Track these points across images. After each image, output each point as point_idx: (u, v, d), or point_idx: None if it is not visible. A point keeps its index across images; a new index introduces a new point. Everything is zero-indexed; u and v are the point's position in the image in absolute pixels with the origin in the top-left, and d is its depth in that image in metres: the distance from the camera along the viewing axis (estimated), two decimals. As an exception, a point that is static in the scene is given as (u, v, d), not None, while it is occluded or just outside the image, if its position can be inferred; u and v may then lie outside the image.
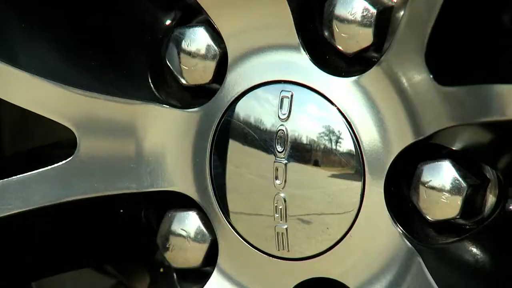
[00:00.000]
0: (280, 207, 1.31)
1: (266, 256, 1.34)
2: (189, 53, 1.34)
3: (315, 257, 1.34)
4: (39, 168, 1.37)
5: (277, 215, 1.32)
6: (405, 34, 1.28)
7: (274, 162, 1.33)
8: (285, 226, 1.34)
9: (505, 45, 1.38)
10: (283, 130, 1.31)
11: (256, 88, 1.31)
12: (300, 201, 1.33)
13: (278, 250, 1.33)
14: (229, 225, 1.34)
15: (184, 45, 1.34)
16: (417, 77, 1.30)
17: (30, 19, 1.42)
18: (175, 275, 1.37)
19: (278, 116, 1.31)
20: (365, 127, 1.33)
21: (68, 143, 1.36)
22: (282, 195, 1.32)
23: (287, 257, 1.34)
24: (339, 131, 1.29)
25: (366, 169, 1.33)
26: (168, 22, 1.36)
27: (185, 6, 1.35)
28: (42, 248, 1.44)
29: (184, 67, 1.33)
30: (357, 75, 1.33)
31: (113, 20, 1.40)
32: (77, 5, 1.46)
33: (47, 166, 1.36)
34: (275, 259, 1.34)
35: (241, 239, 1.35)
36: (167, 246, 1.36)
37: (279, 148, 1.30)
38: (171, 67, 1.34)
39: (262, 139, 1.31)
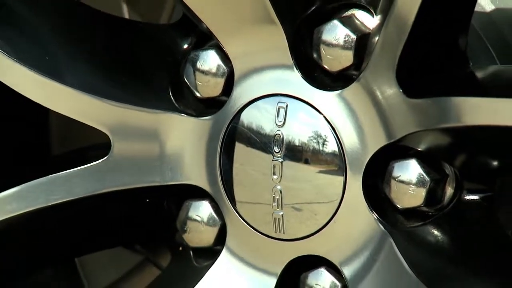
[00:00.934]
0: (277, 197, 1.38)
1: (266, 237, 1.40)
2: (203, 72, 1.40)
3: (305, 238, 1.39)
4: (80, 166, 1.42)
5: (275, 204, 1.38)
6: (379, 56, 1.31)
7: (272, 160, 1.38)
8: (281, 213, 1.39)
9: (458, 65, 1.36)
10: (279, 134, 1.37)
11: (257, 100, 1.38)
12: (293, 192, 1.38)
13: (275, 232, 1.40)
14: (235, 212, 1.41)
15: (198, 65, 1.41)
16: (389, 91, 1.32)
17: (76, 45, 1.44)
18: (191, 252, 1.44)
19: (275, 123, 1.37)
20: (346, 132, 1.36)
21: (103, 145, 1.41)
22: (278, 187, 1.38)
23: (282, 238, 1.40)
24: (325, 135, 1.36)
25: (347, 166, 1.36)
26: (185, 46, 1.42)
27: (199, 32, 1.40)
28: (82, 230, 1.49)
29: (198, 83, 1.40)
30: (340, 89, 1.35)
31: (141, 44, 1.45)
32: (113, 33, 1.47)
33: (86, 164, 1.41)
34: (273, 239, 1.40)
35: (245, 223, 1.41)
36: (185, 229, 1.43)
37: (276, 149, 1.37)
38: (188, 83, 1.41)
39: (262, 142, 1.38)
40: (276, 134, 1.37)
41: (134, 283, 1.65)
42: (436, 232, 1.36)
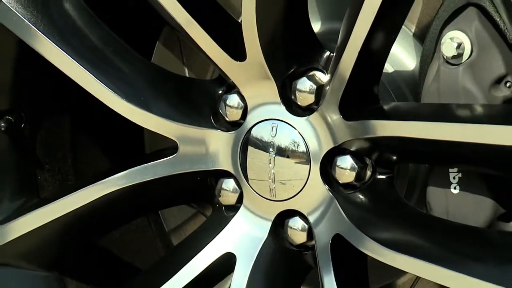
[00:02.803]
0: (271, 177, 1.35)
1: (265, 199, 1.35)
2: (230, 106, 1.37)
3: (287, 200, 1.35)
4: (160, 159, 1.38)
5: (270, 181, 1.35)
6: (329, 97, 1.27)
7: (269, 156, 1.35)
8: (274, 186, 1.35)
9: (373, 102, 1.31)
10: (273, 141, 1.34)
11: (260, 122, 1.35)
12: (281, 174, 1.34)
13: (271, 196, 1.35)
14: (248, 185, 1.36)
15: (227, 102, 1.37)
16: (334, 116, 1.28)
17: (157, 91, 1.38)
18: (223, 208, 1.39)
19: (270, 135, 1.34)
20: (311, 139, 1.32)
21: (173, 147, 1.39)
22: (272, 171, 1.34)
23: (274, 199, 1.35)
24: (298, 142, 1.33)
25: (311, 159, 1.32)
26: (220, 91, 1.37)
27: (228, 84, 1.36)
28: (162, 195, 1.42)
29: (227, 112, 1.37)
30: (307, 116, 1.31)
31: (196, 90, 1.40)
32: (179, 84, 1.42)
33: (164, 158, 1.38)
34: (269, 200, 1.36)
35: (254, 191, 1.36)
36: (220, 194, 1.38)
37: (271, 150, 1.35)
38: (221, 112, 1.37)
39: (263, 145, 1.35)
40: (271, 141, 1.34)
41: (191, 225, 1.61)
42: (361, 196, 1.33)
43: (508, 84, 1.21)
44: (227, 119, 1.37)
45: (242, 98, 1.35)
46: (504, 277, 1.15)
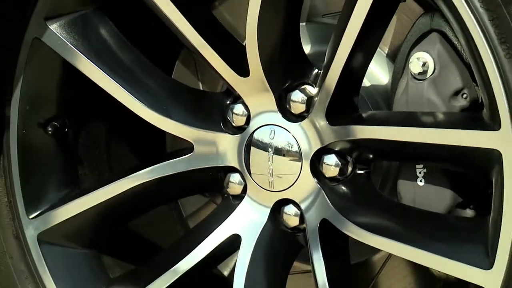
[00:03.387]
0: (270, 172, 1.33)
1: (265, 190, 1.35)
2: (236, 114, 1.35)
3: (283, 191, 1.34)
4: (179, 157, 1.37)
5: (269, 175, 1.33)
6: (317, 106, 1.26)
7: (268, 155, 1.33)
8: (272, 179, 1.34)
9: (353, 111, 1.29)
10: (271, 143, 1.33)
11: (261, 127, 1.34)
12: (278, 169, 1.33)
13: (269, 188, 1.35)
14: (251, 178, 1.35)
15: (234, 110, 1.35)
16: (322, 122, 1.27)
17: (176, 102, 1.37)
18: (231, 197, 1.37)
19: (269, 137, 1.33)
20: (302, 141, 1.30)
21: (189, 148, 1.37)
22: (271, 167, 1.33)
23: (273, 190, 1.34)
24: (292, 143, 1.32)
25: (303, 157, 1.30)
26: (228, 102, 1.37)
27: (234, 95, 1.35)
28: (180, 186, 1.42)
29: (234, 119, 1.36)
30: (300, 122, 1.30)
31: (208, 101, 1.40)
32: (194, 96, 1.41)
33: (181, 157, 1.37)
34: (268, 191, 1.35)
35: (256, 184, 1.35)
36: (228, 186, 1.38)
37: (270, 149, 1.33)
38: (229, 119, 1.36)
39: (263, 146, 1.33)
40: (270, 142, 1.33)
41: (205, 211, 1.60)
42: (344, 188, 1.32)
43: (464, 96, 1.22)
44: (234, 124, 1.37)
45: (246, 107, 1.35)
46: (460, 254, 1.16)
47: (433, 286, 1.38)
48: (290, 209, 1.35)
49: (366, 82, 1.37)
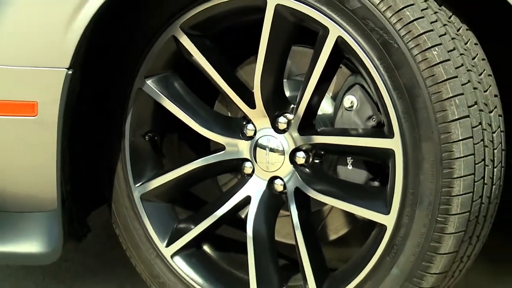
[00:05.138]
0: (267, 161, 1.31)
1: (265, 171, 1.32)
2: (248, 129, 1.33)
3: (274, 171, 1.32)
4: (217, 153, 1.34)
5: (267, 162, 1.31)
6: (293, 125, 1.22)
7: (266, 151, 1.31)
8: (268, 165, 1.31)
9: (315, 127, 1.28)
10: (268, 145, 1.31)
11: (262, 136, 1.32)
12: (271, 159, 1.31)
13: (267, 170, 1.32)
14: (257, 164, 1.32)
15: (247, 127, 1.34)
16: (295, 134, 1.27)
17: (207, 118, 1.31)
18: (245, 175, 1.34)
19: (267, 142, 1.31)
20: (285, 144, 1.30)
21: (223, 147, 1.34)
22: (268, 158, 1.30)
23: (269, 171, 1.32)
24: (279, 145, 1.31)
25: (285, 153, 1.30)
26: (244, 122, 1.32)
27: (247, 118, 1.31)
28: (216, 169, 1.36)
29: (247, 131, 1.33)
30: (284, 133, 1.28)
31: (230, 121, 1.34)
32: (219, 118, 1.34)
33: (218, 153, 1.34)
34: (266, 172, 1.32)
35: (259, 167, 1.32)
36: (243, 168, 1.34)
37: (267, 149, 1.31)
38: (244, 131, 1.33)
39: (264, 147, 1.32)
40: (267, 145, 1.31)
41: (231, 183, 1.46)
42: (308, 170, 1.29)
43: (374, 119, 1.23)
44: (247, 135, 1.34)
45: (253, 125, 1.33)
46: (371, 206, 1.19)
47: (356, 224, 1.37)
48: (278, 181, 1.33)
49: (319, 112, 1.32)
